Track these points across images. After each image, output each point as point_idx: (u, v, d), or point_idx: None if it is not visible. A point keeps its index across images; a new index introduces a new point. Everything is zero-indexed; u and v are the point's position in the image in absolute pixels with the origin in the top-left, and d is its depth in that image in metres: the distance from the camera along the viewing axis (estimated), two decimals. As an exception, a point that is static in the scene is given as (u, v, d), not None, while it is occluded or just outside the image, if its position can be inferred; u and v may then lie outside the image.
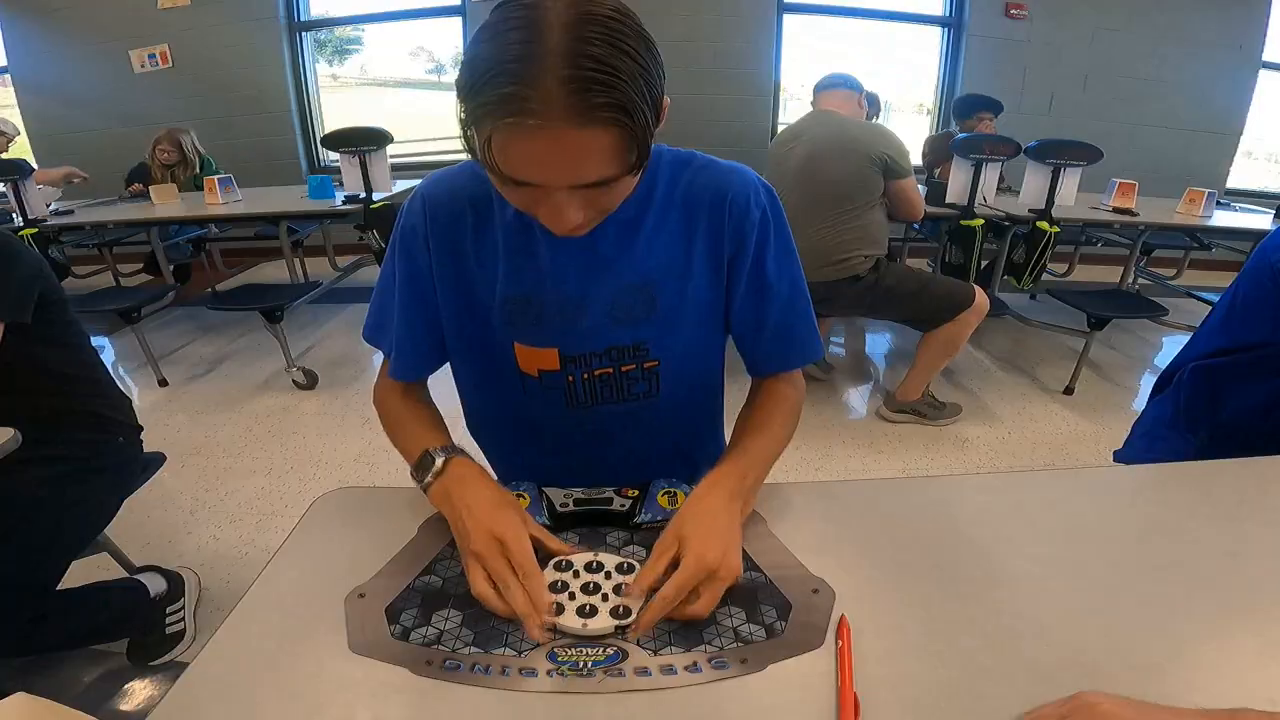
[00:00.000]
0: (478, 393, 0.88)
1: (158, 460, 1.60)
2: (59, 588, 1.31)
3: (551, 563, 0.64)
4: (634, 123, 0.53)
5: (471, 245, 0.75)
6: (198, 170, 3.92)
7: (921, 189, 3.12)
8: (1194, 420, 1.08)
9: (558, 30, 0.50)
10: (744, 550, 0.67)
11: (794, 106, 6.51)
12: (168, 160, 3.88)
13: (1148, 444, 1.15)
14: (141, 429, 1.49)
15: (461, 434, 0.85)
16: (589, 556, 0.65)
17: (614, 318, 0.75)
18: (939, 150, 3.81)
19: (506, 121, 0.51)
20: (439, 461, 0.70)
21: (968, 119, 3.81)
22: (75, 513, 1.31)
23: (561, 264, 0.73)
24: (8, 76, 4.94)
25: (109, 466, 1.39)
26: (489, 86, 0.51)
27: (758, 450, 0.75)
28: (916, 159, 4.07)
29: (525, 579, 0.58)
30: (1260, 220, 3.33)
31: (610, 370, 0.78)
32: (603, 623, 0.58)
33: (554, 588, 0.61)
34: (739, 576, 0.61)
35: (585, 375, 0.78)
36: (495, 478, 0.75)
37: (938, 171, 3.96)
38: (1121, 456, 1.18)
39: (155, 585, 1.55)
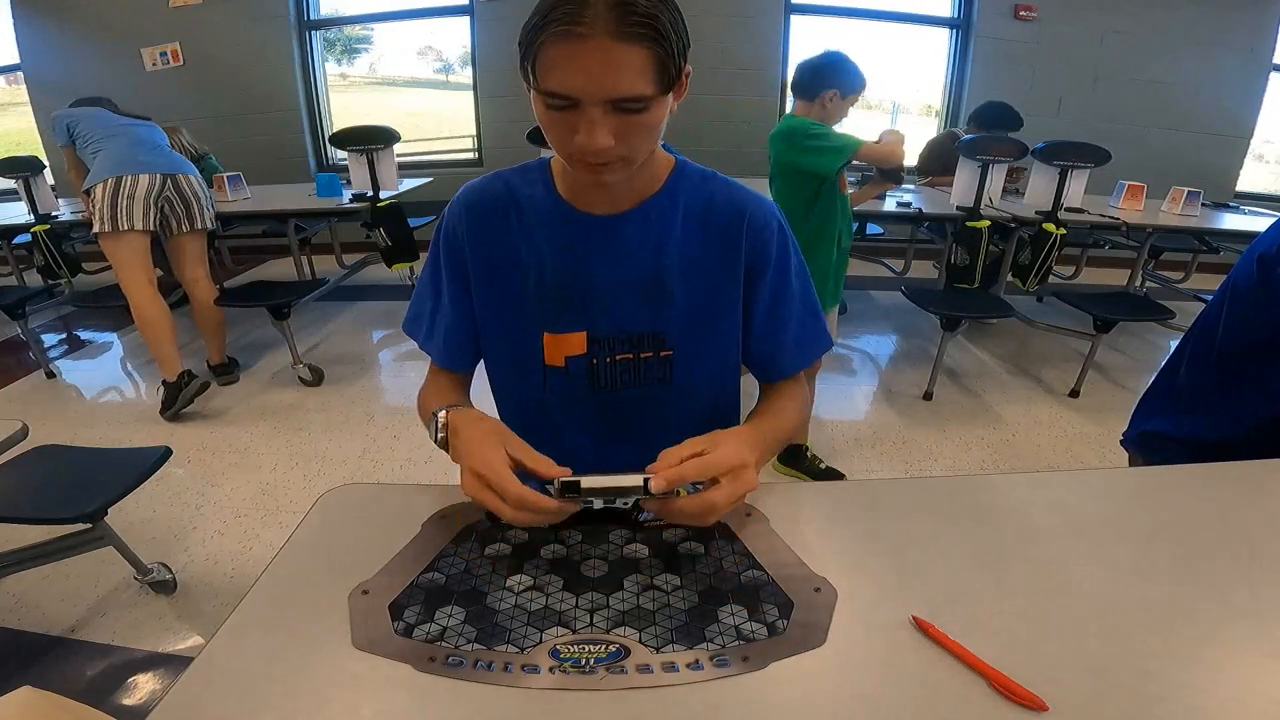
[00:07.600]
0: (505, 398, 0.94)
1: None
2: None
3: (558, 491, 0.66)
4: (665, 49, 0.63)
5: (508, 242, 0.82)
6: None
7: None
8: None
9: None
10: (746, 548, 0.68)
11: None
12: None
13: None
14: None
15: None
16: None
17: (637, 304, 0.82)
18: (943, 156, 3.68)
19: (559, 30, 0.60)
20: (440, 417, 0.77)
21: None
22: None
23: (594, 254, 0.81)
24: (20, 74, 4.98)
25: None
26: (550, 13, 0.61)
27: (771, 427, 0.83)
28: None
29: (510, 500, 0.63)
30: (1269, 224, 3.29)
31: (630, 356, 0.85)
32: (630, 480, 0.64)
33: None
34: (752, 489, 0.68)
35: (609, 359, 0.85)
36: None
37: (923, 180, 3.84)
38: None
39: None
